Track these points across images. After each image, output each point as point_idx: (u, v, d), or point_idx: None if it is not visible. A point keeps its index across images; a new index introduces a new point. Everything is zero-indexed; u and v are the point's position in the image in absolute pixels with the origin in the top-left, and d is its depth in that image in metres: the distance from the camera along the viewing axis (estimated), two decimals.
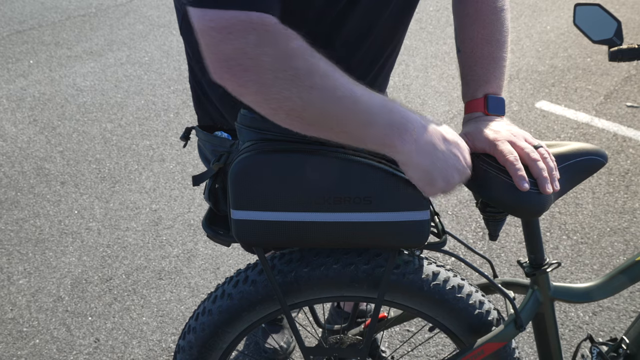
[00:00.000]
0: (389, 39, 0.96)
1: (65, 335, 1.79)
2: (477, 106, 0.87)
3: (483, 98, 0.87)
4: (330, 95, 0.67)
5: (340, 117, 0.69)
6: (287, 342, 1.70)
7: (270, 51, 0.65)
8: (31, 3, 4.47)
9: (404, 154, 0.72)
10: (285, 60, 0.66)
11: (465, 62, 0.90)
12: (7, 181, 2.50)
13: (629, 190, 2.39)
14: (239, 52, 0.64)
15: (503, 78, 0.89)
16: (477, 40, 0.89)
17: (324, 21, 0.85)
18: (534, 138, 0.87)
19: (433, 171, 0.74)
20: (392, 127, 0.70)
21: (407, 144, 0.71)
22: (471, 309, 0.98)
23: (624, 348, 1.19)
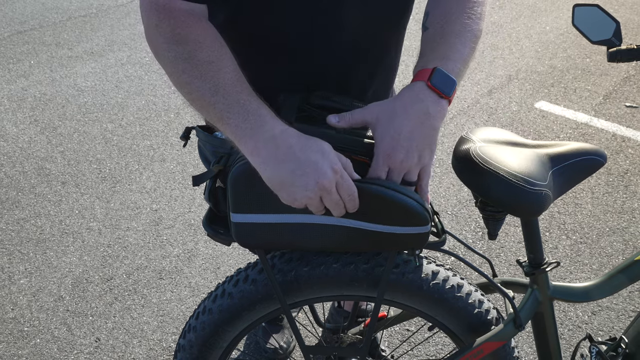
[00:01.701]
0: (373, 41, 0.93)
1: (66, 335, 1.79)
2: (423, 74, 0.78)
3: (432, 69, 0.78)
4: (186, 93, 0.77)
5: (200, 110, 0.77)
6: (287, 342, 1.71)
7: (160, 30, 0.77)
8: (32, 3, 4.48)
9: (251, 160, 0.74)
10: (169, 44, 0.76)
11: (429, 38, 0.84)
12: (8, 181, 2.50)
13: (628, 190, 2.40)
14: (148, 28, 0.78)
15: (462, 63, 0.81)
16: (448, 18, 0.84)
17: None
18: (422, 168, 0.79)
19: (276, 183, 0.73)
20: (240, 134, 0.73)
21: (252, 154, 0.73)
22: (470, 308, 0.98)
23: (623, 347, 1.19)
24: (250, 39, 0.89)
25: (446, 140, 2.77)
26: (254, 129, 0.72)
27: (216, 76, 0.74)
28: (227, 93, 0.74)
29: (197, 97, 0.75)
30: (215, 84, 0.74)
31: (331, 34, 0.88)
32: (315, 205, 0.75)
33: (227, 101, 0.73)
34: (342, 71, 0.93)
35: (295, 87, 0.88)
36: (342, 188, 0.74)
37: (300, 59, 0.90)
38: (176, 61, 0.76)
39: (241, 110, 0.73)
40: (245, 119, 0.73)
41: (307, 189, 0.72)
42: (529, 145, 1.02)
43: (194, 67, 0.75)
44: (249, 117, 0.73)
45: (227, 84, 0.74)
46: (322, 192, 0.72)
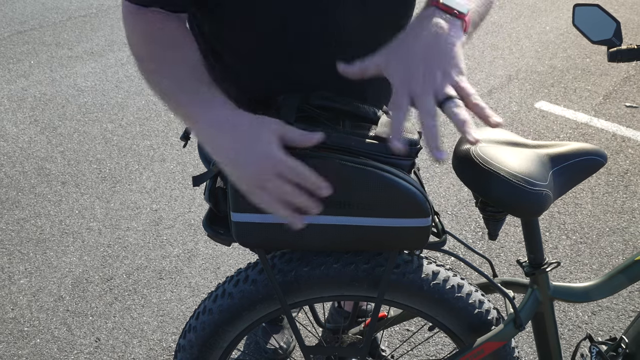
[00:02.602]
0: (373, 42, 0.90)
1: (66, 335, 1.79)
2: (431, 1, 0.73)
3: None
4: (150, 84, 0.81)
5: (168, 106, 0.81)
6: (287, 342, 1.71)
7: (135, 32, 0.83)
8: (32, 4, 4.48)
9: (207, 149, 0.75)
10: (135, 42, 0.83)
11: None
12: (8, 181, 2.50)
13: (628, 190, 2.40)
14: (127, 33, 0.84)
15: (473, 4, 0.76)
16: None
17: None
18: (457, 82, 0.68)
19: (222, 163, 0.73)
20: (189, 117, 0.77)
21: (198, 133, 0.76)
22: (471, 308, 0.98)
23: (623, 347, 1.19)
24: (248, 40, 0.89)
25: (446, 140, 2.77)
26: (204, 115, 0.75)
27: (176, 71, 0.79)
28: (185, 84, 0.77)
29: (162, 92, 0.80)
30: (175, 78, 0.78)
31: (330, 34, 0.87)
32: (264, 200, 0.72)
33: (184, 92, 0.77)
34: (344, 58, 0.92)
35: (295, 88, 0.88)
36: (286, 172, 0.70)
37: (299, 60, 0.90)
38: (141, 56, 0.82)
39: (197, 100, 0.76)
40: (195, 106, 0.76)
41: (245, 182, 0.71)
42: (529, 146, 1.02)
43: (157, 60, 0.80)
44: (199, 104, 0.76)
45: (186, 77, 0.78)
46: (262, 183, 0.70)
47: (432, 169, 2.56)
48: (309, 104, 0.84)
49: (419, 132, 0.87)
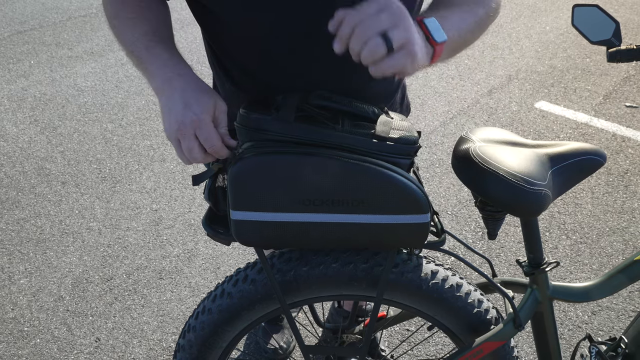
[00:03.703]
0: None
1: (66, 335, 1.79)
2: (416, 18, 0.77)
3: (428, 17, 0.77)
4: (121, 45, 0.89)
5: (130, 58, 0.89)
6: (286, 342, 1.71)
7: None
8: (32, 4, 4.48)
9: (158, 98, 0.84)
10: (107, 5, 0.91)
11: (434, 3, 0.87)
12: (8, 181, 2.50)
13: (628, 190, 2.40)
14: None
15: (456, 32, 0.81)
16: (459, 5, 0.85)
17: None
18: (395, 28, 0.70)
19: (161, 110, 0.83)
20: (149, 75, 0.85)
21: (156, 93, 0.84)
22: (470, 307, 0.98)
23: (623, 347, 1.19)
24: (248, 40, 0.89)
25: (446, 140, 2.77)
26: (155, 74, 0.83)
27: (135, 28, 0.87)
28: (141, 41, 0.86)
29: (123, 46, 0.88)
30: (133, 34, 0.86)
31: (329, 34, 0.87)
32: (178, 152, 0.82)
33: (140, 48, 0.85)
34: (342, 72, 0.92)
35: (294, 87, 0.88)
36: (201, 138, 0.79)
37: (297, 59, 0.90)
38: (110, 18, 0.90)
39: (150, 56, 0.84)
40: (152, 63, 0.84)
41: (168, 130, 0.80)
42: (528, 145, 1.02)
43: (121, 22, 0.89)
44: (156, 60, 0.84)
45: (143, 34, 0.86)
46: (179, 135, 0.79)
47: (432, 169, 2.56)
48: (309, 103, 0.84)
49: (418, 132, 0.87)
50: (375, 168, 0.78)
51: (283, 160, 0.78)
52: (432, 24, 0.76)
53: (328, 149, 0.79)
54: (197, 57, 3.46)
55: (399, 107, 1.13)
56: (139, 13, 0.90)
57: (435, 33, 0.76)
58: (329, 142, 0.79)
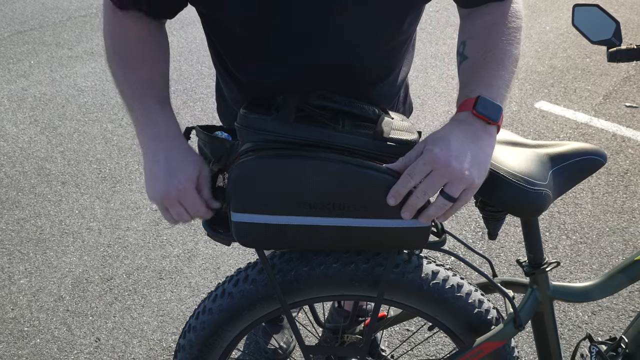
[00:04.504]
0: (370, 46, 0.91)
1: (66, 335, 1.79)
2: (467, 104, 0.77)
3: (476, 97, 0.77)
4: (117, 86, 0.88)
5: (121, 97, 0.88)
6: (287, 342, 1.71)
7: (106, 28, 0.88)
8: (32, 4, 4.48)
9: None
10: (106, 37, 0.88)
11: (469, 68, 0.83)
12: (8, 181, 2.50)
13: (628, 190, 2.40)
14: (103, 22, 0.89)
15: (505, 90, 0.80)
16: (489, 47, 0.83)
17: None
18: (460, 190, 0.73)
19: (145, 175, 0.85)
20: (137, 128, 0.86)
21: (142, 149, 0.86)
22: (470, 308, 0.98)
23: (623, 347, 1.19)
24: (247, 41, 0.89)
25: None
26: (144, 128, 0.84)
27: (133, 73, 0.86)
28: (136, 89, 0.85)
29: (118, 87, 0.87)
30: (130, 78, 0.85)
31: (331, 34, 0.87)
32: (164, 214, 0.85)
33: (134, 96, 0.85)
34: (344, 76, 0.92)
35: (294, 88, 0.88)
36: (186, 205, 0.83)
37: (298, 59, 0.90)
38: (108, 53, 0.88)
39: (143, 108, 0.84)
40: (144, 115, 0.84)
41: (153, 198, 0.83)
42: (528, 145, 1.02)
43: (119, 63, 0.86)
44: (148, 115, 0.84)
45: (139, 82, 0.85)
46: (165, 202, 0.83)
47: None
48: (309, 103, 0.84)
49: (419, 132, 0.87)
50: (375, 174, 0.77)
51: (284, 164, 0.78)
52: (485, 108, 0.76)
53: (328, 149, 0.79)
54: (197, 57, 3.46)
55: (402, 106, 1.12)
56: (139, 53, 0.87)
57: (491, 115, 0.76)
58: (329, 143, 0.79)
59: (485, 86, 0.79)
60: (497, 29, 0.84)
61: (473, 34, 0.86)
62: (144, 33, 0.87)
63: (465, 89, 0.81)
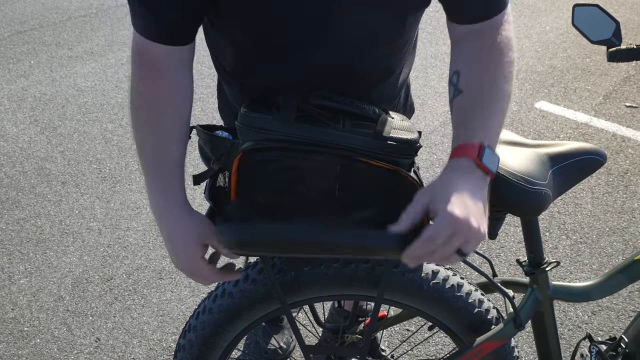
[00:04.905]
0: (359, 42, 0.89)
1: (66, 335, 1.79)
2: (471, 151, 0.76)
3: (479, 145, 0.76)
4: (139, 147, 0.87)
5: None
6: (287, 342, 1.71)
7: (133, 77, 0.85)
8: (32, 3, 4.48)
9: None
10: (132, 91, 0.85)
11: (466, 104, 0.81)
12: (8, 181, 2.50)
13: (628, 190, 2.40)
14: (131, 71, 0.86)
15: (499, 134, 0.81)
16: (484, 82, 0.81)
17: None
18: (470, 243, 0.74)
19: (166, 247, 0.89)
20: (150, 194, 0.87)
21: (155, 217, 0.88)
22: (470, 307, 0.98)
23: (623, 347, 1.19)
24: (248, 41, 0.89)
25: (446, 140, 2.77)
26: (155, 195, 0.86)
27: (155, 136, 0.85)
28: (154, 152, 0.85)
29: (137, 140, 0.86)
30: (152, 141, 0.85)
31: (331, 34, 0.87)
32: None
33: (148, 163, 0.86)
34: (343, 77, 0.92)
35: (294, 88, 0.88)
36: (199, 280, 0.89)
37: (297, 60, 0.90)
38: (133, 108, 0.86)
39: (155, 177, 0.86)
40: (154, 183, 0.86)
41: (176, 266, 0.89)
42: (528, 145, 1.02)
43: (142, 121, 0.85)
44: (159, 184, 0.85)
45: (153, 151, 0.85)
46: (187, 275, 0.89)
47: (432, 169, 2.56)
48: (309, 103, 0.84)
49: (419, 132, 0.87)
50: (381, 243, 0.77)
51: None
52: (488, 160, 0.76)
53: (329, 148, 0.79)
54: (196, 57, 3.43)
55: (403, 107, 1.12)
56: (169, 111, 0.85)
57: (492, 167, 0.77)
58: (329, 142, 0.79)
59: (485, 131, 0.78)
60: (492, 62, 0.82)
61: (467, 66, 0.83)
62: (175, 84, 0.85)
63: (464, 129, 0.80)
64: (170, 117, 0.85)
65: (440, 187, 0.75)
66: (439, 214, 0.72)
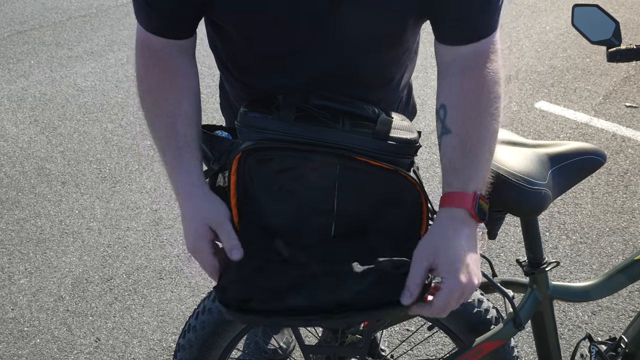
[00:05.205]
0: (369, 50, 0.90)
1: (66, 335, 1.79)
2: (465, 202, 0.78)
3: (473, 195, 0.78)
4: (151, 133, 0.88)
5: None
6: (286, 342, 1.71)
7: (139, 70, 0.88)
8: (32, 3, 4.48)
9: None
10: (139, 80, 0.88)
11: (455, 146, 0.80)
12: (8, 181, 2.50)
13: (628, 190, 2.40)
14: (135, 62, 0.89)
15: (488, 174, 0.81)
16: (473, 122, 0.80)
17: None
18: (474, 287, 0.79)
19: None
20: (169, 172, 0.88)
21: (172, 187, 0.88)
22: (470, 307, 0.98)
23: (623, 347, 1.19)
24: (248, 43, 0.89)
25: None
26: (171, 177, 0.86)
27: (162, 118, 0.86)
28: (163, 134, 0.85)
29: (148, 126, 0.88)
30: (159, 123, 0.86)
31: (331, 34, 0.87)
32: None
33: (161, 145, 0.86)
34: (341, 78, 0.92)
35: (295, 89, 0.88)
36: (200, 264, 0.84)
37: (298, 65, 0.90)
38: (141, 96, 0.88)
39: (167, 159, 0.86)
40: (168, 165, 0.86)
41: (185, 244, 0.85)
42: (528, 145, 1.02)
43: (149, 106, 0.87)
44: (180, 170, 0.85)
45: (163, 133, 0.85)
46: (190, 252, 0.85)
47: (432, 169, 2.56)
48: (309, 103, 0.84)
49: (418, 132, 0.87)
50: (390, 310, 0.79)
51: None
52: (481, 210, 0.78)
53: (329, 148, 0.79)
54: (197, 58, 3.45)
55: (404, 108, 1.12)
56: (172, 93, 0.86)
57: (484, 216, 0.79)
58: (329, 142, 0.79)
59: (477, 178, 0.79)
60: (480, 101, 0.81)
61: (454, 103, 0.82)
62: (178, 70, 0.88)
63: (455, 177, 0.80)
64: (174, 98, 0.86)
65: (440, 247, 0.76)
66: (448, 283, 0.75)
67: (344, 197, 0.81)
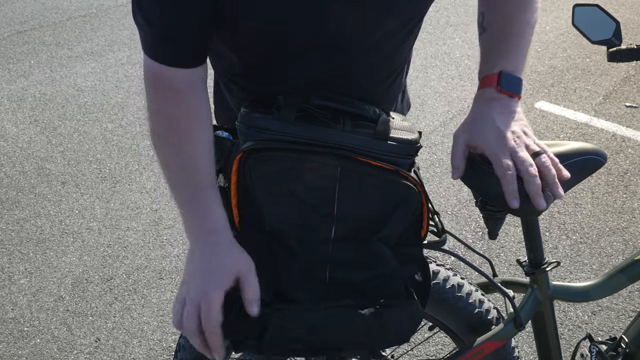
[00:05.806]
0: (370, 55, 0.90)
1: (66, 335, 1.79)
2: (490, 82, 0.84)
3: (497, 74, 0.83)
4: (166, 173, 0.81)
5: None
6: None
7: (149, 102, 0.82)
8: (32, 3, 4.48)
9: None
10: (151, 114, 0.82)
11: (490, 41, 0.89)
12: (8, 181, 2.50)
13: (628, 190, 2.40)
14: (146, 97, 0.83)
15: (523, 59, 0.86)
16: (507, 18, 0.88)
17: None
18: (536, 141, 0.83)
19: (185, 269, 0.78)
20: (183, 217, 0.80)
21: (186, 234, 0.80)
22: (471, 307, 0.98)
23: (623, 347, 1.19)
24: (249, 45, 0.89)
25: (446, 140, 2.77)
26: (191, 222, 0.79)
27: (176, 160, 0.80)
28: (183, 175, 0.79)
29: (164, 165, 0.82)
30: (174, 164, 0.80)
31: (332, 34, 0.87)
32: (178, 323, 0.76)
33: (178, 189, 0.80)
34: (340, 80, 0.92)
35: (295, 89, 0.88)
36: (204, 321, 0.75)
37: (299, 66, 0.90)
38: (157, 133, 0.81)
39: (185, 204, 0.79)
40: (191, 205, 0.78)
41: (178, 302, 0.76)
42: None
43: (163, 144, 0.81)
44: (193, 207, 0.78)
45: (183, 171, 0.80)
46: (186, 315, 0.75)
47: (432, 169, 2.56)
48: (310, 103, 0.84)
49: (419, 132, 0.87)
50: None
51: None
52: (508, 84, 0.82)
53: (329, 148, 0.79)
54: None
55: (400, 104, 1.12)
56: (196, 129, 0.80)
57: (513, 89, 0.83)
58: (329, 142, 0.79)
59: (505, 59, 0.84)
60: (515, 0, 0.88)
61: (491, 5, 0.90)
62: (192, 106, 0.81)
63: (486, 63, 0.86)
64: (198, 134, 0.80)
65: (474, 122, 0.82)
66: (494, 159, 0.79)
67: (344, 199, 0.81)
